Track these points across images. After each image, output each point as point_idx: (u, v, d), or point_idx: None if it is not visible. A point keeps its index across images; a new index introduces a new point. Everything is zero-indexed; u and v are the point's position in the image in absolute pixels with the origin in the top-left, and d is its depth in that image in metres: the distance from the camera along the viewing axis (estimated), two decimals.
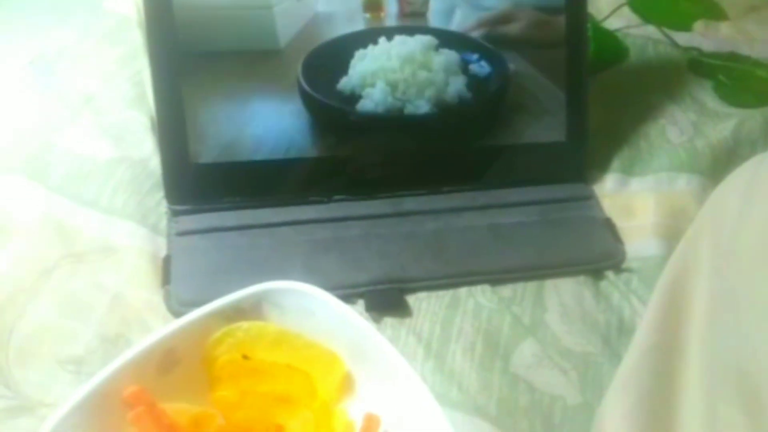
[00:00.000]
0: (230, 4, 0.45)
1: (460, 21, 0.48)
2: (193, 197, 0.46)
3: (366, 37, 0.47)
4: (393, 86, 0.47)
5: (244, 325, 0.33)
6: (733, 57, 0.61)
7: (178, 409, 0.31)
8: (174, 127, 0.45)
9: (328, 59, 0.47)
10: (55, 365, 0.38)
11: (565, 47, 0.49)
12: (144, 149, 0.49)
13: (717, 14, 0.65)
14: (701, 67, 0.60)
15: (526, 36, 0.49)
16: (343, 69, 0.47)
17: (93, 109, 0.51)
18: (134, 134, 0.50)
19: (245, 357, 0.33)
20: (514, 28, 0.48)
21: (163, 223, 0.46)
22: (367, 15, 0.47)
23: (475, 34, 0.48)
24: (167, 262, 0.44)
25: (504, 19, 0.49)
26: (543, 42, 0.49)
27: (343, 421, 0.33)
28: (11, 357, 0.38)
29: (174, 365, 0.33)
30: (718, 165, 0.52)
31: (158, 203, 0.46)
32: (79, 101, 0.51)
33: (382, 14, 0.47)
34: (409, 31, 0.48)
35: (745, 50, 0.62)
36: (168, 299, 0.42)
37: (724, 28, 0.65)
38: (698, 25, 0.64)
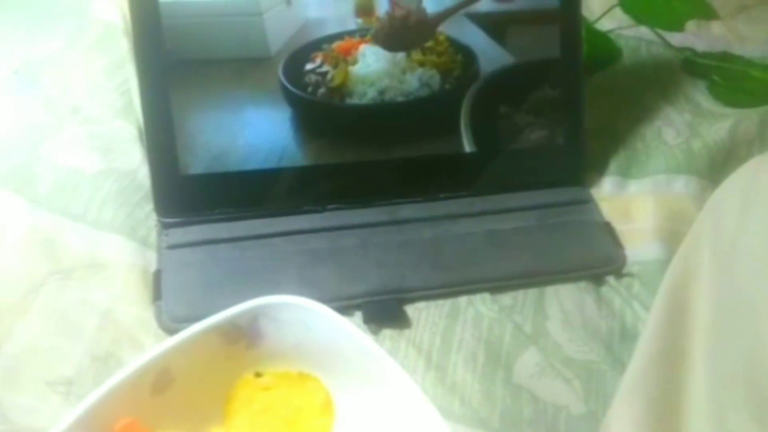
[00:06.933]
0: (219, 11, 0.44)
1: None
2: (184, 209, 0.45)
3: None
4: (380, 90, 0.47)
5: None
6: (726, 57, 0.60)
7: None
8: (162, 138, 0.44)
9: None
10: (44, 387, 0.37)
11: (561, 49, 0.49)
12: (132, 160, 0.48)
13: (708, 13, 0.65)
14: (695, 67, 0.60)
15: None
16: None
17: (80, 119, 0.50)
18: (122, 145, 0.49)
19: (258, 374, 0.33)
20: None
21: (153, 236, 0.45)
22: (359, 20, 0.46)
23: None
24: (158, 276, 0.42)
25: None
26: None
27: None
28: None
29: (168, 385, 0.32)
30: (715, 166, 0.51)
31: (148, 216, 0.45)
32: (65, 111, 0.50)
33: (374, 19, 0.46)
34: None
35: (736, 49, 0.62)
36: (159, 315, 0.41)
37: (716, 28, 0.64)
38: (690, 25, 0.63)
